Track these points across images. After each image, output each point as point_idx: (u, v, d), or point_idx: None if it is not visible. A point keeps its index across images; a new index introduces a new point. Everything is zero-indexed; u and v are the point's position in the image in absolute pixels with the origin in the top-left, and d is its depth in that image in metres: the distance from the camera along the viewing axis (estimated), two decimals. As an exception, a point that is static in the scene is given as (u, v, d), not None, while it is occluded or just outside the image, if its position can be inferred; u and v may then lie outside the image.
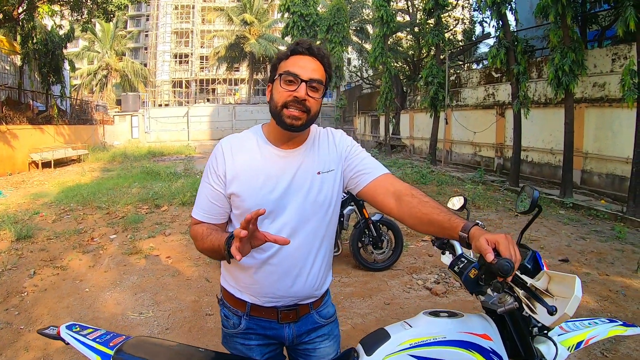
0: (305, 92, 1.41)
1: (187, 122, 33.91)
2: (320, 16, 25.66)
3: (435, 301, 4.29)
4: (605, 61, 9.89)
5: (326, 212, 1.56)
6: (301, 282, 1.54)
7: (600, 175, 10.02)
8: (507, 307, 1.26)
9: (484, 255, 1.12)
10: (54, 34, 18.60)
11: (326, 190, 1.55)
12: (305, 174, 1.52)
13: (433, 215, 1.37)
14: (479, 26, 24.12)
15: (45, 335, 1.64)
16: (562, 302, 1.12)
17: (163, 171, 13.33)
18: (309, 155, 1.55)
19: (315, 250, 1.56)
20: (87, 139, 22.51)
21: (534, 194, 1.38)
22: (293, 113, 1.42)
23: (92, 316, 3.98)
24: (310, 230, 1.54)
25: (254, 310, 1.58)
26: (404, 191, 1.47)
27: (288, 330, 1.61)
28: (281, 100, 1.43)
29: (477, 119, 15.19)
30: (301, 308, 1.60)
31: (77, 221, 7.69)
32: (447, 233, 1.33)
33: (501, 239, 1.14)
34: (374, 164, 1.58)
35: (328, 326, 1.71)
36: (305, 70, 1.42)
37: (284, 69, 1.45)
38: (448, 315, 1.42)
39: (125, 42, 45.00)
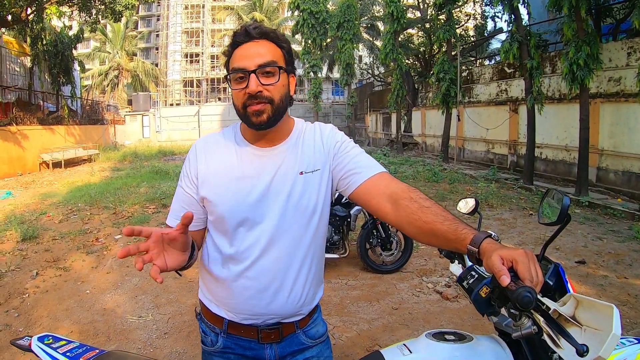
0: (256, 83, 1.24)
1: (198, 121, 34.00)
2: (330, 13, 25.54)
3: (445, 306, 4.13)
4: (621, 55, 9.61)
5: (310, 218, 1.36)
6: (282, 298, 1.35)
7: (617, 173, 9.76)
8: (523, 331, 1.05)
9: (497, 277, 0.93)
10: (63, 35, 18.71)
11: (310, 192, 1.36)
12: (286, 175, 1.34)
13: (436, 224, 1.15)
14: (491, 21, 23.78)
15: (17, 347, 1.53)
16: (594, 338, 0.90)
17: (172, 170, 13.33)
18: (291, 153, 1.37)
19: (298, 262, 1.36)
20: (98, 139, 22.64)
21: (564, 201, 1.15)
22: (255, 108, 1.25)
23: (90, 319, 3.89)
24: (292, 239, 1.35)
25: (232, 327, 1.41)
26: (401, 194, 1.25)
27: (270, 352, 1.42)
28: (240, 102, 1.28)
29: (489, 115, 14.96)
30: (285, 327, 1.41)
31: (83, 221, 7.65)
32: (453, 246, 1.12)
33: (520, 256, 0.94)
34: (367, 162, 1.37)
35: (316, 347, 1.50)
36: (249, 60, 1.25)
37: (230, 67, 1.30)
38: (454, 339, 1.22)
39: (136, 43, 45.25)
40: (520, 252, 0.95)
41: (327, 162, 1.39)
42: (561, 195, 1.19)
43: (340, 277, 4.87)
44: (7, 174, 14.42)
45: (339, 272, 5.00)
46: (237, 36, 1.30)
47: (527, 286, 0.89)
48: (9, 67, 18.00)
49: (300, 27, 25.54)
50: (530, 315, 1.01)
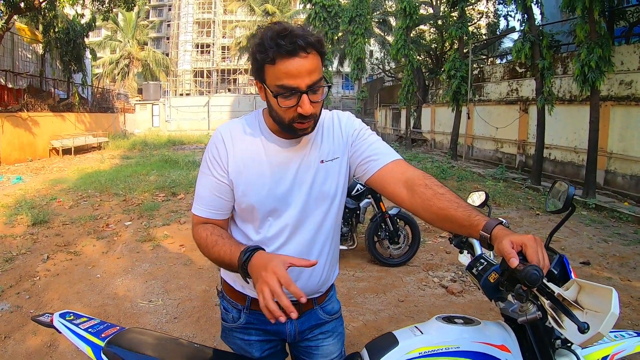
0: (309, 106, 1.22)
1: (207, 111, 34.12)
2: (342, 7, 25.43)
3: (450, 300, 4.17)
4: (633, 58, 9.55)
5: (331, 204, 1.43)
6: (305, 277, 1.42)
7: (625, 177, 9.72)
8: (529, 316, 1.12)
9: (507, 259, 0.99)
10: (75, 23, 18.77)
11: (331, 179, 1.41)
12: (309, 164, 1.38)
13: (450, 210, 1.20)
14: (504, 20, 23.62)
15: (38, 323, 1.58)
16: (595, 318, 0.97)
17: (182, 160, 13.42)
18: (313, 143, 1.40)
19: (320, 244, 1.44)
20: (108, 127, 22.77)
21: (569, 190, 1.22)
22: (301, 126, 1.27)
23: (101, 302, 3.97)
24: (315, 224, 1.41)
25: (255, 304, 1.46)
26: (417, 180, 1.30)
27: (290, 326, 1.50)
28: (286, 117, 1.26)
29: (499, 114, 14.89)
30: (304, 303, 1.44)
31: (94, 207, 7.74)
32: (466, 231, 1.18)
33: (529, 241, 1.00)
34: (384, 150, 1.42)
35: (332, 323, 1.59)
36: (300, 78, 1.20)
37: (274, 81, 1.22)
38: (463, 322, 1.29)
39: (147, 32, 45.36)
40: (529, 237, 1.01)
41: (346, 149, 1.44)
42: (567, 185, 1.25)
43: (347, 268, 4.92)
44: (18, 159, 14.55)
45: (347, 263, 5.05)
46: (282, 47, 1.18)
47: (534, 265, 0.95)
48: (21, 54, 18.10)
49: (312, 20, 25.45)
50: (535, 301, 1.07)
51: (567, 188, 1.24)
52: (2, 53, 15.80)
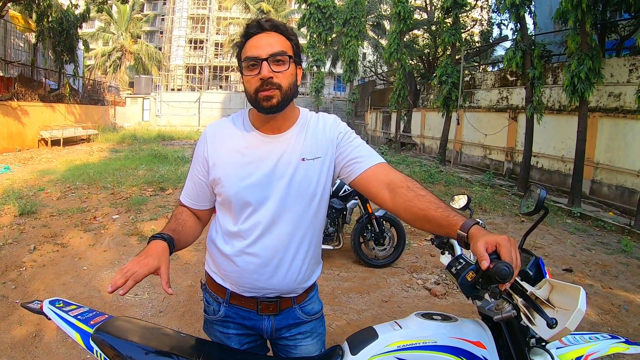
0: (268, 69, 1.34)
1: (198, 107, 33.98)
2: (337, 9, 25.50)
3: (433, 302, 4.24)
4: (623, 71, 9.71)
5: (310, 202, 1.46)
6: (281, 274, 1.46)
7: (610, 187, 9.88)
8: (504, 314, 1.19)
9: (479, 261, 1.05)
10: (69, 13, 18.62)
11: (310, 178, 1.45)
12: (289, 161, 1.43)
13: (430, 211, 1.27)
14: (497, 28, 23.86)
15: (28, 309, 1.60)
16: (564, 315, 1.04)
17: (171, 155, 13.38)
18: (295, 140, 1.46)
19: (297, 242, 1.47)
20: (98, 120, 22.62)
21: (540, 194, 1.28)
22: (265, 94, 1.35)
23: (87, 294, 3.97)
24: (292, 220, 1.45)
25: (234, 298, 1.52)
26: (398, 182, 1.36)
27: (267, 323, 1.54)
28: (252, 88, 1.37)
29: (489, 121, 15.04)
30: (283, 301, 1.52)
31: (82, 200, 7.70)
32: (445, 231, 1.25)
33: (503, 240, 1.06)
34: (368, 152, 1.47)
35: (311, 323, 1.61)
36: (261, 49, 1.35)
37: (243, 57, 1.39)
38: (441, 319, 1.35)
39: (141, 25, 45.05)
40: (503, 237, 1.07)
41: (329, 150, 1.48)
42: (539, 188, 1.32)
43: (333, 268, 4.97)
44: (6, 149, 14.42)
45: (332, 263, 5.10)
46: (249, 27, 1.40)
47: (506, 262, 1.01)
48: (13, 42, 17.94)
49: (306, 20, 25.49)
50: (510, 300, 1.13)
51: (538, 191, 1.30)
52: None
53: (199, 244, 5.48)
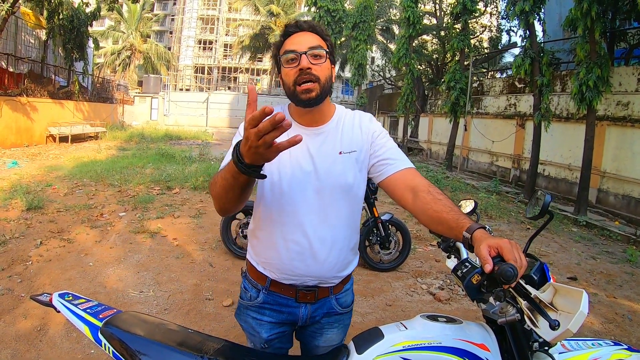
0: (307, 61, 1.42)
1: (206, 108, 34.07)
2: (347, 13, 25.54)
3: (437, 307, 4.24)
4: (631, 80, 9.67)
5: (346, 193, 1.54)
6: (319, 261, 1.53)
7: (617, 196, 9.83)
8: (508, 318, 1.21)
9: (482, 264, 1.08)
10: (80, 11, 18.73)
11: (347, 170, 1.53)
12: (327, 153, 1.52)
13: (443, 213, 1.33)
14: (506, 35, 23.81)
15: (37, 301, 1.63)
16: (566, 318, 1.06)
17: (178, 154, 13.41)
18: (332, 134, 1.55)
19: (334, 231, 1.54)
20: (106, 117, 22.75)
21: (545, 199, 1.31)
22: (304, 87, 1.42)
23: (92, 290, 4.00)
24: (329, 210, 1.52)
25: (274, 285, 1.59)
26: (421, 187, 1.44)
27: (304, 311, 1.61)
28: (290, 80, 1.45)
29: (496, 128, 15.01)
30: (320, 290, 1.60)
31: (89, 196, 7.75)
32: (453, 233, 1.29)
33: (505, 243, 1.09)
34: (400, 156, 1.56)
35: (342, 315, 1.71)
36: (300, 44, 1.45)
37: (282, 53, 1.48)
38: (446, 321, 1.37)
39: (151, 25, 45.18)
40: (505, 240, 1.11)
41: (364, 146, 1.56)
42: (544, 194, 1.34)
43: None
44: (14, 144, 14.54)
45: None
46: (288, 27, 1.51)
47: (510, 263, 1.03)
48: (24, 39, 18.06)
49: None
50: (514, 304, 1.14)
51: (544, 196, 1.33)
52: (5, 36, 15.77)
53: (205, 244, 5.52)
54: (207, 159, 13.44)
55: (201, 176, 9.41)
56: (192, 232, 6.01)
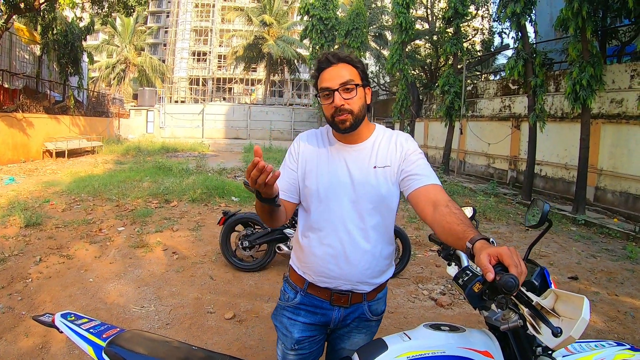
0: (340, 99, 1.59)
1: (202, 119, 34.02)
2: (339, 20, 25.62)
3: (439, 312, 4.23)
4: (624, 77, 9.74)
5: (380, 204, 1.66)
6: (353, 265, 1.65)
7: (614, 193, 9.86)
8: (510, 324, 1.21)
9: (484, 273, 1.11)
10: (74, 25, 18.79)
11: (381, 183, 1.65)
12: (362, 167, 1.66)
13: (453, 225, 1.40)
14: (498, 37, 23.94)
15: (39, 322, 1.63)
16: (569, 324, 1.07)
17: (175, 167, 13.39)
18: (369, 150, 1.70)
19: (366, 238, 1.66)
20: (102, 131, 22.72)
21: (544, 208, 1.35)
22: (339, 118, 1.62)
23: (94, 306, 3.98)
24: (363, 219, 1.65)
25: (311, 288, 1.73)
26: (442, 202, 1.52)
27: (337, 314, 1.73)
28: (328, 113, 1.65)
29: (492, 130, 15.05)
30: (354, 295, 1.71)
31: (87, 211, 7.73)
32: (459, 244, 1.34)
33: (504, 250, 1.12)
34: (427, 172, 1.66)
35: (372, 322, 1.81)
36: (332, 81, 1.61)
37: (319, 87, 1.66)
38: (449, 329, 1.38)
39: (145, 38, 45.37)
40: (504, 248, 1.13)
41: (398, 162, 1.69)
42: (542, 203, 1.39)
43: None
44: (11, 160, 14.50)
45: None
46: (320, 63, 1.67)
47: (511, 274, 1.04)
48: (18, 54, 18.12)
49: (309, 32, 25.62)
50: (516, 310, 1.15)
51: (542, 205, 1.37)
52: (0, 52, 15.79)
53: (204, 256, 5.51)
54: (204, 171, 13.42)
55: (199, 188, 9.41)
56: (191, 245, 6.00)
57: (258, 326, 3.78)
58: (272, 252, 5.05)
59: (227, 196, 9.39)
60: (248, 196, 9.17)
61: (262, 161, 1.27)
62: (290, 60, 38.32)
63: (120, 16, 29.51)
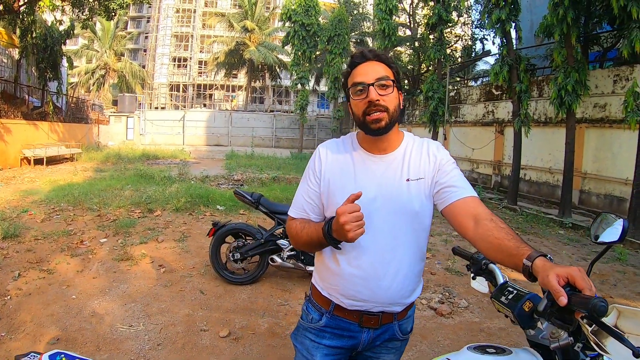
0: (375, 93, 1.46)
1: (182, 126, 33.70)
2: (321, 26, 25.66)
3: (440, 322, 4.13)
4: (607, 82, 9.88)
5: (413, 220, 1.54)
6: (385, 287, 1.53)
7: (599, 196, 10.00)
8: (561, 342, 1.15)
9: (555, 297, 1.04)
10: (53, 29, 18.38)
11: (414, 197, 1.53)
12: (394, 180, 1.54)
13: (504, 240, 1.30)
14: (479, 43, 24.18)
15: None
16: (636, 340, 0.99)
17: (157, 175, 13.10)
18: (400, 161, 1.57)
19: (399, 258, 1.54)
20: (81, 138, 22.26)
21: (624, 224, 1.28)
22: (373, 117, 1.47)
23: (78, 326, 3.76)
24: (395, 236, 1.53)
25: (338, 310, 1.61)
26: (484, 215, 1.42)
27: (366, 335, 1.61)
28: (360, 111, 1.50)
29: (475, 135, 15.16)
30: (384, 316, 1.59)
31: (67, 222, 7.45)
32: (513, 261, 1.25)
33: (575, 273, 1.06)
34: (464, 183, 1.54)
35: (401, 341, 1.71)
36: (367, 75, 1.48)
37: (350, 84, 1.53)
38: (496, 352, 1.29)
39: (125, 43, 44.84)
40: (574, 268, 1.07)
41: (432, 173, 1.56)
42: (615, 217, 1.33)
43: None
44: (-13, 168, 14.08)
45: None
46: (355, 58, 1.55)
47: (599, 297, 1.00)
48: (-5, 58, 17.68)
49: (290, 38, 25.59)
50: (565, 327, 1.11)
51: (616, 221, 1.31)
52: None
53: (193, 269, 5.33)
54: (187, 179, 13.15)
55: (183, 197, 9.17)
56: (178, 257, 5.79)
57: (256, 344, 3.61)
58: (264, 264, 4.88)
59: (212, 205, 9.18)
60: (233, 204, 8.97)
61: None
62: (271, 67, 38.25)
63: (100, 20, 29.21)
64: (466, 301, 4.66)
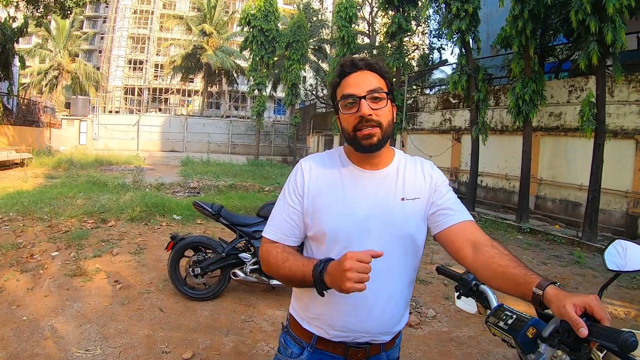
0: (367, 107, 1.34)
1: (137, 131, 32.75)
2: (280, 32, 25.62)
3: (410, 333, 4.11)
4: (562, 92, 10.27)
5: (407, 242, 1.43)
6: (375, 316, 1.42)
7: (554, 201, 10.36)
8: None
9: (575, 328, 1.01)
10: (6, 26, 17.46)
11: (409, 218, 1.42)
12: (388, 198, 1.42)
13: (509, 268, 1.24)
14: (437, 52, 24.76)
15: None
16: None
17: (111, 182, 12.60)
18: (393, 178, 1.46)
19: (392, 283, 1.43)
20: (32, 142, 21.31)
21: None
22: (365, 132, 1.36)
23: (30, 352, 3.48)
24: (388, 261, 1.35)
25: (321, 343, 1.47)
26: (484, 242, 1.35)
27: None
28: (350, 126, 1.38)
29: (433, 143, 15.43)
30: (372, 348, 1.47)
31: (16, 233, 7.02)
32: (520, 290, 1.19)
33: (593, 302, 1.03)
34: (460, 207, 1.45)
35: None
36: (358, 87, 1.37)
37: (339, 95, 1.41)
38: None
39: (80, 43, 43.21)
40: (591, 297, 1.04)
41: (428, 193, 1.47)
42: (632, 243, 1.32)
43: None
44: None
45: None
46: (344, 67, 1.42)
47: (629, 331, 0.97)
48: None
49: (249, 43, 25.41)
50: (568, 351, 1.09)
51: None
52: None
53: (150, 284, 5.11)
54: (142, 187, 12.72)
55: (138, 206, 8.81)
56: (134, 272, 5.53)
57: (221, 366, 3.46)
58: (226, 278, 4.71)
59: (168, 214, 8.87)
60: (191, 214, 8.72)
61: None
62: (228, 72, 37.92)
63: (55, 18, 28.09)
64: (433, 310, 4.67)
